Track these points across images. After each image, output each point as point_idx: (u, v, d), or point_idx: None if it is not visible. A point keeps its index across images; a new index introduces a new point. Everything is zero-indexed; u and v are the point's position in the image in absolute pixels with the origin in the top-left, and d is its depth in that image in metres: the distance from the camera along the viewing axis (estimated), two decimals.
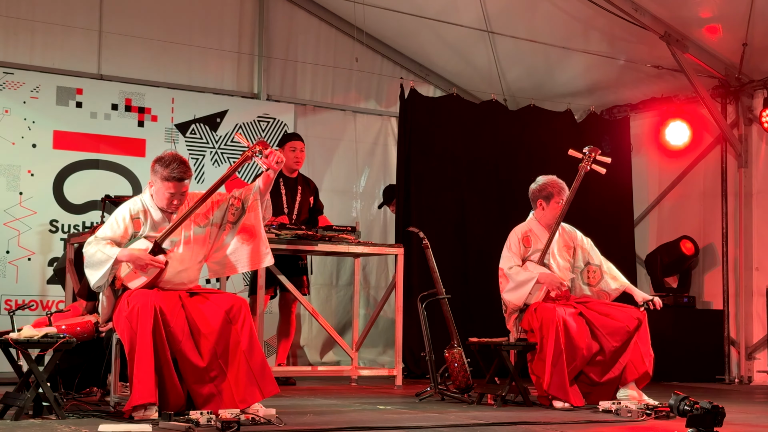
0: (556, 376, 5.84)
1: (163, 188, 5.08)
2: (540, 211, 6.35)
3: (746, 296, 9.17)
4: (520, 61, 9.78)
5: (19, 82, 8.46)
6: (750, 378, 9.06)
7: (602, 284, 6.36)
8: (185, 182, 5.10)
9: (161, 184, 5.09)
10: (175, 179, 5.06)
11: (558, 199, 6.28)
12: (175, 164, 5.06)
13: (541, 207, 6.34)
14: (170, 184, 5.06)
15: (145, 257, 4.99)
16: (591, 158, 6.32)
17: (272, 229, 7.00)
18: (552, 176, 6.40)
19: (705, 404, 3.90)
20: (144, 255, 5.00)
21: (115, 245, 5.04)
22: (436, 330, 6.99)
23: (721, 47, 8.85)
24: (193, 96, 9.22)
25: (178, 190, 5.09)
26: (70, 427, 4.50)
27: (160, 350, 4.82)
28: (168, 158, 5.10)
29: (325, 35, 9.98)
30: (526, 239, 6.31)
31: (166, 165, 5.06)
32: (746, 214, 9.23)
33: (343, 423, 4.88)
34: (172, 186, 5.07)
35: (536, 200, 6.36)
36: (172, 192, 5.08)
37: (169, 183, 5.06)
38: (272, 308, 8.34)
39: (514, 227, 6.42)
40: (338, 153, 9.99)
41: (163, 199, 5.11)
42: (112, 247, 5.02)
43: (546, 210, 6.31)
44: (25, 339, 4.87)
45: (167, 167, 5.05)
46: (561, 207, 6.25)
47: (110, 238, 5.06)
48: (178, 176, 5.06)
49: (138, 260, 4.99)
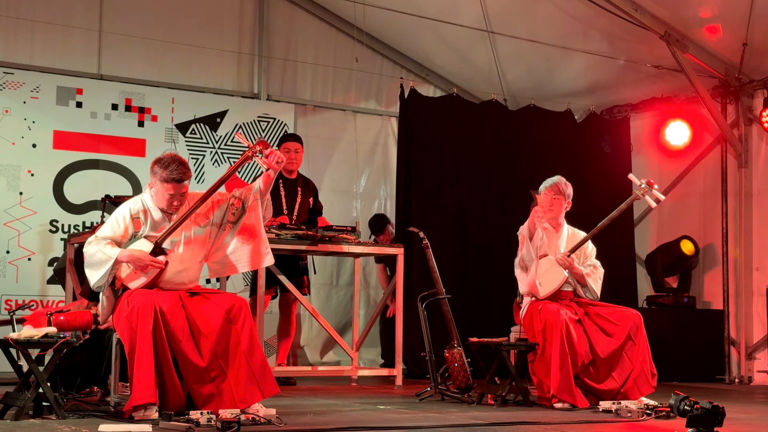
0: (563, 380, 5.84)
1: (163, 189, 5.08)
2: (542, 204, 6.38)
3: (746, 296, 9.17)
4: (521, 61, 9.78)
5: (19, 82, 8.46)
6: (750, 378, 9.06)
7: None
8: (184, 183, 5.09)
9: (161, 186, 5.08)
10: (174, 180, 5.05)
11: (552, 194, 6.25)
12: (174, 165, 5.05)
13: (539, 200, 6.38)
14: (170, 185, 5.06)
15: (145, 258, 4.99)
16: (647, 189, 6.28)
17: (272, 229, 7.00)
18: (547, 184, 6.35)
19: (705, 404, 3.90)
20: (144, 256, 5.00)
21: (115, 245, 5.03)
22: (437, 330, 6.99)
23: (721, 47, 8.85)
24: (193, 96, 9.22)
25: (178, 191, 5.08)
26: (71, 427, 4.49)
27: (160, 350, 4.82)
28: (167, 159, 5.09)
29: (325, 35, 9.98)
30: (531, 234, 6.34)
31: (165, 166, 5.05)
32: (746, 214, 9.23)
33: (344, 423, 4.88)
34: (171, 187, 5.06)
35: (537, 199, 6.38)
36: (172, 193, 5.07)
37: (169, 184, 5.06)
38: (272, 308, 8.34)
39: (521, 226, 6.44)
40: (338, 153, 9.99)
41: (163, 200, 5.10)
42: (112, 247, 5.01)
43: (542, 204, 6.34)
44: (25, 339, 4.86)
45: (166, 169, 5.04)
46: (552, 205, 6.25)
47: (110, 237, 5.06)
48: (177, 177, 5.05)
49: (138, 261, 4.99)
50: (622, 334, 6.05)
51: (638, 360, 6.02)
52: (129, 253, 5.00)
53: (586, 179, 9.02)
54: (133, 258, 4.99)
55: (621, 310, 6.19)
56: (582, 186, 7.80)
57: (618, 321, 6.10)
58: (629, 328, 6.06)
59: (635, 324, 6.08)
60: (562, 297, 6.23)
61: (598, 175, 9.56)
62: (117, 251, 4.99)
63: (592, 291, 6.27)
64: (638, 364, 6.01)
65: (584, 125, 9.96)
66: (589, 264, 6.33)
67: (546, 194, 6.27)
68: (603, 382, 6.02)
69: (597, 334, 6.07)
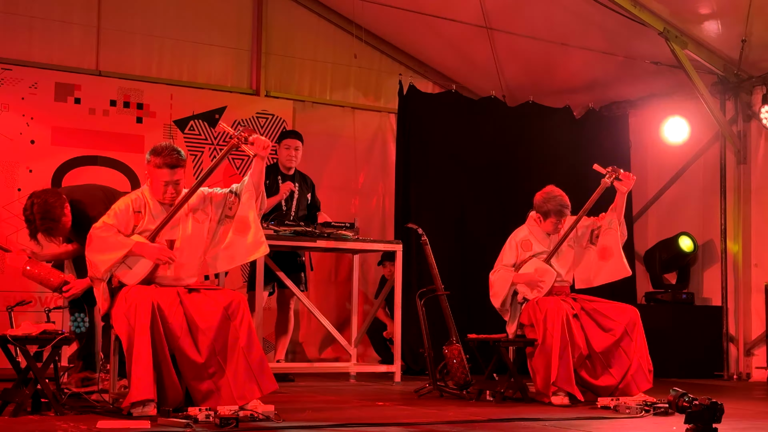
0: (563, 369, 5.84)
1: (158, 176, 5.08)
2: (538, 220, 6.35)
3: (745, 292, 9.17)
4: (519, 58, 9.78)
5: (17, 78, 8.45)
6: (748, 374, 9.06)
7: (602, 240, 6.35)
8: (178, 169, 5.08)
9: (155, 173, 5.08)
10: (168, 166, 5.05)
11: (554, 220, 6.25)
12: (167, 151, 5.07)
13: (539, 219, 6.34)
14: (164, 171, 5.05)
15: (164, 253, 4.99)
16: (613, 176, 6.27)
17: (270, 225, 7.00)
18: (557, 194, 6.28)
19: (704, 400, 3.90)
20: (164, 249, 5.00)
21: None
22: (435, 326, 6.99)
23: (720, 43, 8.84)
24: (191, 92, 9.21)
25: (172, 177, 5.08)
26: (69, 423, 4.49)
27: (158, 347, 4.81)
28: (160, 147, 5.11)
29: (324, 31, 9.97)
30: (525, 243, 6.32)
31: (158, 153, 5.07)
32: (745, 211, 9.23)
33: (342, 419, 4.89)
34: (165, 173, 5.06)
35: (537, 210, 6.35)
36: (166, 180, 5.07)
37: (163, 170, 5.05)
38: (270, 304, 8.34)
39: (515, 230, 6.42)
40: (337, 149, 9.98)
41: (159, 188, 5.09)
42: (126, 236, 5.02)
43: (542, 224, 6.32)
44: (23, 335, 4.86)
45: (159, 155, 5.06)
46: (556, 228, 6.25)
47: (117, 227, 5.06)
48: (171, 163, 5.05)
49: (159, 253, 4.99)
50: (619, 330, 6.05)
51: (636, 356, 6.02)
52: (146, 246, 4.99)
53: (584, 176, 9.00)
54: (153, 250, 4.98)
55: (618, 306, 6.20)
56: (580, 183, 7.79)
57: (615, 317, 6.11)
58: (626, 323, 6.07)
59: (632, 320, 6.09)
60: (557, 292, 6.23)
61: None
62: (133, 241, 4.99)
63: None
64: (636, 360, 6.01)
65: (583, 122, 9.95)
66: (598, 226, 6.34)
67: (554, 220, 6.26)
68: (600, 378, 6.02)
69: (593, 329, 6.07)
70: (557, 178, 6.78)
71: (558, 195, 6.25)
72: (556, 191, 6.27)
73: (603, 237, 6.29)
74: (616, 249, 6.26)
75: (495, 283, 6.29)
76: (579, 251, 6.38)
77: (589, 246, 6.36)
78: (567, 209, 6.25)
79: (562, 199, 6.24)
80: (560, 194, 6.26)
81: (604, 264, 6.28)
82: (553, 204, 6.22)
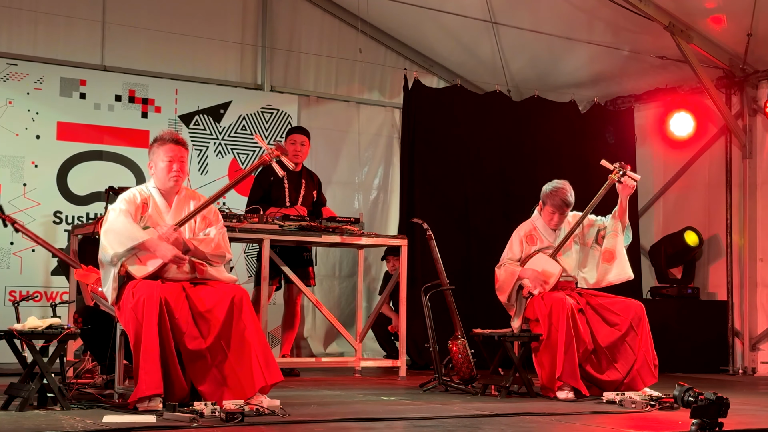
0: (568, 364, 5.85)
1: (162, 155, 5.15)
2: (540, 209, 6.36)
3: (750, 287, 9.17)
4: (524, 52, 9.76)
5: (22, 73, 8.46)
6: (754, 369, 9.06)
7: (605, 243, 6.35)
8: (181, 147, 5.19)
9: (160, 154, 5.17)
10: (172, 141, 5.18)
11: (551, 210, 6.25)
12: (168, 132, 5.28)
13: (541, 206, 6.35)
14: (168, 146, 5.17)
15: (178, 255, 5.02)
16: (622, 172, 6.27)
17: (276, 220, 7.00)
18: (564, 187, 6.29)
19: (709, 395, 3.89)
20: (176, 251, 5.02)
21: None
22: (440, 321, 6.98)
23: (725, 38, 8.82)
24: (196, 87, 9.21)
25: (177, 153, 5.17)
26: (75, 418, 4.50)
27: (165, 341, 4.82)
28: (161, 131, 5.32)
29: (329, 26, 9.96)
30: (529, 238, 6.33)
31: (161, 136, 5.24)
32: (750, 205, 9.22)
33: (347, 414, 4.89)
34: (170, 148, 5.16)
35: (542, 195, 6.36)
36: (171, 155, 5.15)
37: (167, 145, 5.17)
38: (277, 299, 8.34)
39: (520, 224, 6.42)
40: (342, 144, 9.98)
41: (164, 169, 5.15)
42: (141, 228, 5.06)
43: (542, 212, 6.33)
44: (29, 330, 4.87)
45: (162, 137, 5.22)
46: (552, 220, 6.25)
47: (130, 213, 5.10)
48: (174, 138, 5.20)
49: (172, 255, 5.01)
50: (624, 324, 6.06)
51: (641, 351, 6.03)
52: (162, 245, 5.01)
53: (589, 170, 9.00)
54: (167, 250, 5.00)
55: (623, 301, 6.20)
56: (585, 178, 7.79)
57: (620, 311, 6.11)
58: (631, 318, 6.07)
59: (637, 314, 6.09)
60: (562, 287, 6.23)
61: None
62: (147, 235, 5.01)
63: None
64: (641, 354, 6.02)
65: (588, 116, 9.94)
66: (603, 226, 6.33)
67: (551, 210, 6.25)
68: (605, 372, 6.03)
69: (599, 324, 6.07)
70: (562, 173, 6.78)
71: (564, 191, 6.26)
72: (566, 188, 6.29)
73: (608, 239, 6.30)
74: (619, 252, 6.27)
75: (501, 277, 6.29)
76: (584, 250, 6.38)
77: (595, 246, 6.37)
78: (567, 207, 6.27)
79: (566, 196, 6.25)
80: (567, 191, 6.27)
81: (607, 266, 6.28)
82: (556, 198, 6.24)
